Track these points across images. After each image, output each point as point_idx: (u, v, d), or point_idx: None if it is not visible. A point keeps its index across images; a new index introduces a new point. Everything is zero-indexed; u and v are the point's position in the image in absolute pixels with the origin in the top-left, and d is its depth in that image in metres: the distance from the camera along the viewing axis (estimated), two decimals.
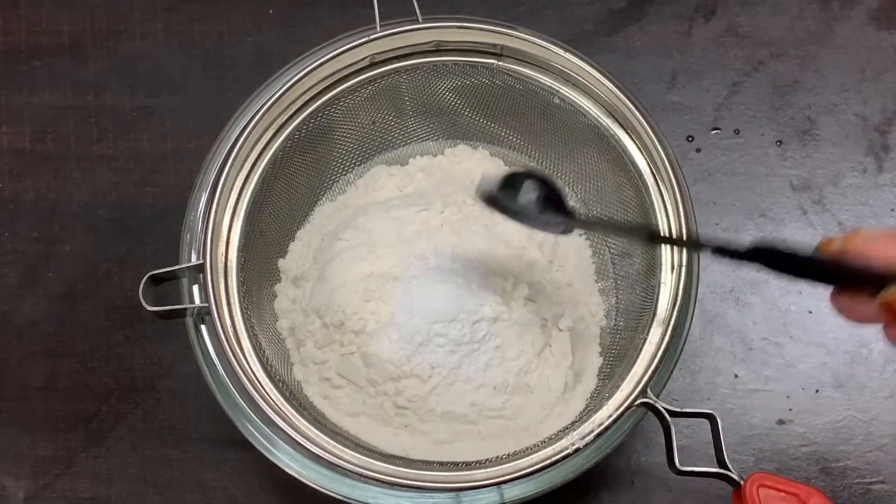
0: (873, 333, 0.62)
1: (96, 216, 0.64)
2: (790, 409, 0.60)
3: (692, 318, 0.51)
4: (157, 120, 0.66)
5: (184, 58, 0.68)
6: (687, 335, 0.51)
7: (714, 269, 0.63)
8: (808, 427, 0.60)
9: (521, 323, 0.55)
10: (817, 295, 0.63)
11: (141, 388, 0.61)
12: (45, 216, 0.64)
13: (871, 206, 0.65)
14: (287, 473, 0.49)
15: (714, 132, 0.66)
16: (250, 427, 0.49)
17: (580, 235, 0.60)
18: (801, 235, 0.64)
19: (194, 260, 0.51)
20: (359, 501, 0.48)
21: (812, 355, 0.62)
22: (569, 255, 0.58)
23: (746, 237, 0.64)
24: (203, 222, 0.51)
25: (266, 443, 0.49)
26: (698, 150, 0.66)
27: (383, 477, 0.46)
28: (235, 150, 0.52)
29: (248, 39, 0.68)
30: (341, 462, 0.47)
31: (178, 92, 0.67)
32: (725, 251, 0.40)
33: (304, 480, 0.48)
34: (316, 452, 0.47)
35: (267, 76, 0.55)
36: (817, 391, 0.61)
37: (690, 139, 0.66)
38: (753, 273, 0.63)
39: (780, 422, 0.60)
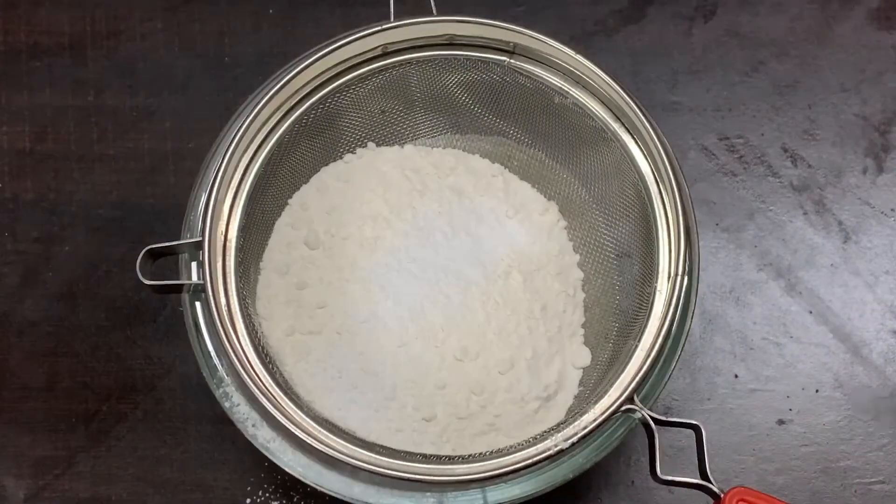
0: (873, 333, 0.62)
1: (96, 216, 0.64)
2: (790, 409, 0.60)
3: (690, 324, 0.51)
4: (157, 120, 0.66)
5: (184, 58, 0.68)
6: (684, 343, 0.50)
7: (714, 270, 0.63)
8: (808, 427, 0.60)
9: (513, 322, 0.55)
10: (817, 295, 0.63)
11: (141, 388, 0.61)
12: (45, 216, 0.64)
13: (871, 206, 0.65)
14: (287, 473, 0.49)
15: (714, 132, 0.66)
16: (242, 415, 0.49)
17: (569, 241, 0.60)
18: (801, 235, 0.64)
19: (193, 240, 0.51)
20: (360, 501, 0.48)
21: (812, 355, 0.62)
22: (564, 254, 0.58)
23: (747, 236, 0.64)
24: (205, 201, 0.51)
25: (267, 444, 0.49)
26: (698, 150, 0.66)
27: (368, 466, 0.46)
28: (241, 130, 0.52)
29: (248, 39, 0.68)
30: (326, 448, 0.46)
31: (178, 92, 0.67)
32: None
33: (304, 480, 0.48)
34: (299, 436, 0.47)
35: (267, 76, 0.55)
36: (817, 391, 0.61)
37: (691, 139, 0.66)
38: (753, 273, 0.63)
39: (780, 422, 0.60)
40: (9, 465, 0.59)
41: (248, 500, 0.58)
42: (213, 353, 0.50)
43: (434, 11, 0.55)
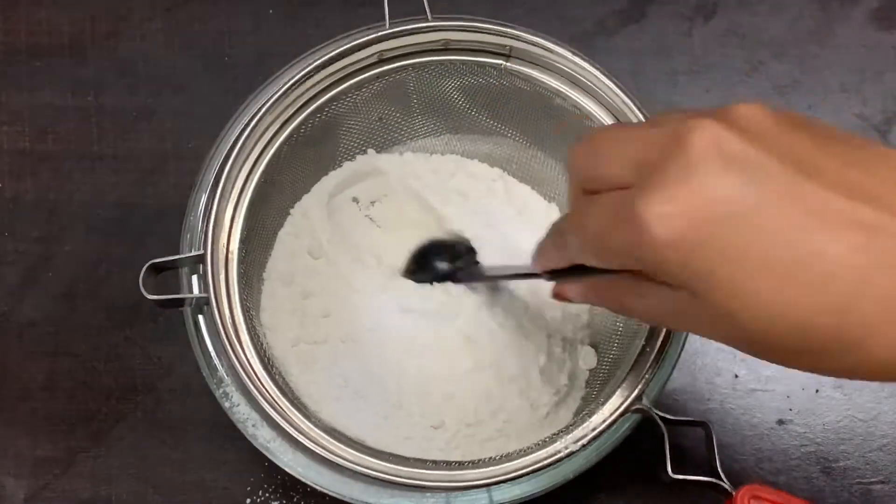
0: None
1: (96, 216, 0.64)
2: (790, 409, 0.60)
3: None
4: (157, 120, 0.66)
5: (184, 58, 0.68)
6: (685, 341, 0.51)
7: None
8: (808, 427, 0.60)
9: (518, 326, 0.55)
10: None
11: (141, 388, 0.61)
12: (45, 216, 0.64)
13: None
14: (287, 473, 0.49)
15: None
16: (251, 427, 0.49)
17: None
18: None
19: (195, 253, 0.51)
20: (360, 501, 0.48)
21: None
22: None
23: None
24: (205, 213, 0.51)
25: (267, 444, 0.49)
26: None
27: (377, 474, 0.46)
28: (240, 142, 0.52)
29: (248, 39, 0.68)
30: (334, 457, 0.47)
31: (178, 92, 0.67)
32: None
33: (304, 480, 0.48)
34: (308, 446, 0.47)
35: (267, 76, 0.55)
36: (817, 391, 0.61)
37: None
38: None
39: (780, 422, 0.60)
40: (9, 465, 0.59)
41: (248, 500, 0.58)
42: (213, 354, 0.50)
43: (428, 15, 0.54)
